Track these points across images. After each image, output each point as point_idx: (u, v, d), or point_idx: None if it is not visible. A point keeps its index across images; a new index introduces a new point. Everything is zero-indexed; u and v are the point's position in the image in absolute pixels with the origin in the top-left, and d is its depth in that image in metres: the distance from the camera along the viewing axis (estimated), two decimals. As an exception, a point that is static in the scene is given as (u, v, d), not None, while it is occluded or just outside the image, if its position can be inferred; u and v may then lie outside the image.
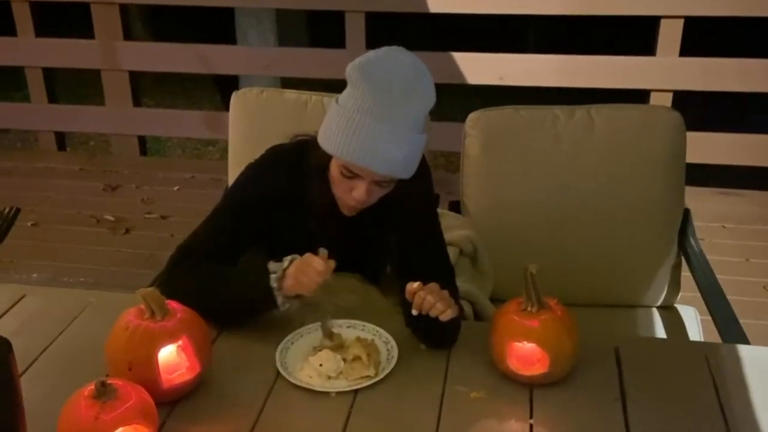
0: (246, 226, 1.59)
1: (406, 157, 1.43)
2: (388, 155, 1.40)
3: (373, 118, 1.39)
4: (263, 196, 1.58)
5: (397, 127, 1.40)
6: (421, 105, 1.43)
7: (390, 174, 1.45)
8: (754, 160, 3.88)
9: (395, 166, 1.43)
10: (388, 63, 1.43)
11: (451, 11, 3.88)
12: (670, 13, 3.63)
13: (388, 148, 1.40)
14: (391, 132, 1.39)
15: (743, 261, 3.25)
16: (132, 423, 1.17)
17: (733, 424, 1.29)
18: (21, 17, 4.22)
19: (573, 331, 1.37)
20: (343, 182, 1.48)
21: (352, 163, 1.43)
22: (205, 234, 1.60)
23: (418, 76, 1.43)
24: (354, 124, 1.40)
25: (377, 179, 1.45)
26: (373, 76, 1.40)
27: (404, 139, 1.41)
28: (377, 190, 1.48)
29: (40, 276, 3.20)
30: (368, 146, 1.39)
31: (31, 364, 1.45)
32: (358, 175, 1.45)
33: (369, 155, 1.40)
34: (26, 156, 4.63)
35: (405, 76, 1.42)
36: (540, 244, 2.00)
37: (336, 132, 1.43)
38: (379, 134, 1.39)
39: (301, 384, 1.37)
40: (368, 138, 1.39)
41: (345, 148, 1.41)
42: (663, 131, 1.99)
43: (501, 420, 1.32)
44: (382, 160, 1.41)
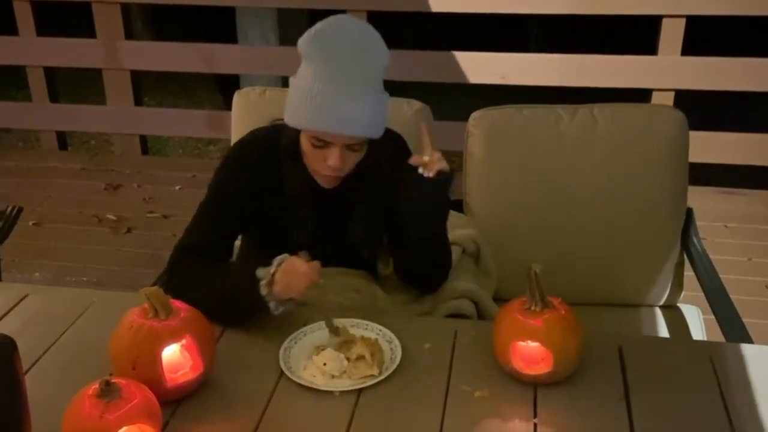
0: (232, 216, 1.63)
1: (369, 116, 1.48)
2: (349, 115, 1.45)
3: (329, 81, 1.44)
4: (242, 187, 1.62)
5: (352, 87, 1.45)
6: (373, 62, 1.48)
7: (355, 133, 1.48)
8: (756, 159, 3.88)
9: (359, 125, 1.47)
10: (335, 30, 1.49)
11: (452, 10, 3.88)
12: (671, 12, 3.63)
13: (347, 107, 1.44)
14: (347, 92, 1.45)
15: (745, 260, 3.24)
16: (136, 422, 1.17)
17: (737, 423, 1.29)
18: (22, 16, 4.23)
19: (577, 331, 1.37)
20: (315, 154, 1.52)
21: (318, 131, 1.47)
22: (195, 230, 1.63)
23: (365, 37, 1.49)
24: (313, 93, 1.45)
25: (347, 142, 1.49)
26: (322, 45, 1.46)
27: (362, 97, 1.46)
28: (350, 155, 1.52)
29: (42, 275, 3.21)
30: (329, 110, 1.44)
31: (35, 363, 1.45)
32: (328, 143, 1.49)
33: (332, 119, 1.45)
34: (28, 155, 4.64)
35: (352, 38, 1.47)
36: (543, 243, 2.00)
37: (298, 106, 1.48)
38: (336, 96, 1.44)
39: (305, 383, 1.37)
40: (327, 102, 1.44)
41: (309, 119, 1.47)
42: (666, 130, 1.99)
43: (505, 419, 1.32)
44: (345, 120, 1.45)
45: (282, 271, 1.44)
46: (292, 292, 1.45)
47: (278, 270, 1.45)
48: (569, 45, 3.92)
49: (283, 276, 1.44)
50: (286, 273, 1.44)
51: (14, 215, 2.27)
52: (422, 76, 4.02)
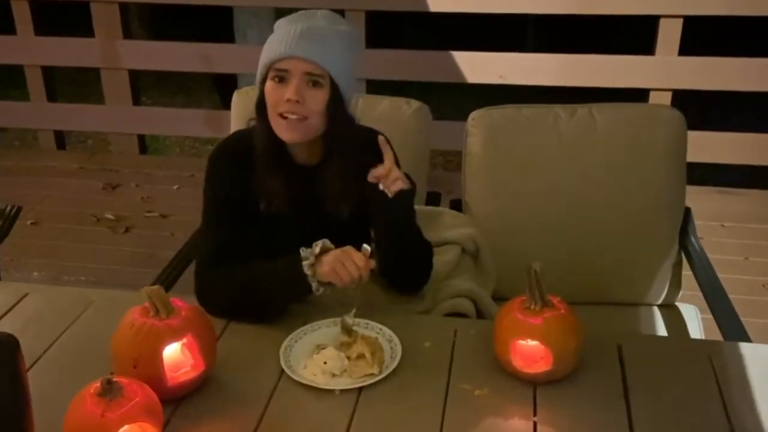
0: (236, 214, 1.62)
1: (328, 51, 1.51)
2: (307, 43, 1.49)
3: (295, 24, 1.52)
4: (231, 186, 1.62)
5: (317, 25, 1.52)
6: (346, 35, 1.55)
7: (314, 58, 1.50)
8: (753, 159, 3.89)
9: (316, 52, 1.50)
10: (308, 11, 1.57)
11: (451, 10, 3.89)
12: (669, 12, 3.64)
13: (307, 37, 1.50)
14: (311, 26, 1.52)
15: (742, 259, 3.26)
16: (137, 420, 1.17)
17: (736, 420, 1.29)
18: (21, 16, 4.22)
19: (576, 329, 1.38)
20: (275, 92, 1.53)
21: (276, 59, 1.51)
22: (208, 240, 1.63)
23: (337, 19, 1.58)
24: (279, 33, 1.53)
25: (305, 70, 1.50)
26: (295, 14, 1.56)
27: (323, 31, 1.52)
28: (309, 92, 1.52)
29: (41, 275, 3.21)
30: (289, 37, 1.50)
31: (36, 361, 1.45)
32: (288, 74, 1.51)
33: (290, 44, 1.49)
34: (26, 155, 4.64)
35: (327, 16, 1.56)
36: (541, 243, 2.01)
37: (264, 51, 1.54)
38: (297, 27, 1.51)
39: (306, 382, 1.38)
40: (288, 33, 1.51)
41: (270, 50, 1.52)
42: (664, 130, 2.00)
43: (505, 417, 1.32)
44: (302, 46, 1.49)
45: (333, 255, 1.46)
46: (335, 277, 1.46)
47: (329, 253, 1.47)
48: (567, 45, 3.93)
49: (333, 260, 1.45)
50: (337, 258, 1.45)
51: (13, 214, 2.26)
52: (421, 75, 4.02)
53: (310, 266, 1.47)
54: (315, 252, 1.48)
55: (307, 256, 1.48)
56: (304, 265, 1.47)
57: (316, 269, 1.47)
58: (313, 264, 1.48)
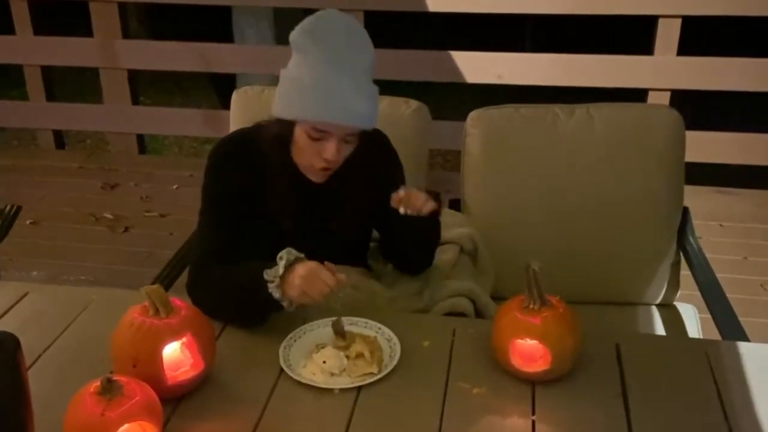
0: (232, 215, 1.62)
1: (368, 107, 1.50)
2: (355, 107, 1.47)
3: (335, 73, 1.45)
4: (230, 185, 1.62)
5: (357, 79, 1.47)
6: (368, 54, 1.51)
7: (359, 125, 1.50)
8: (751, 158, 3.89)
9: (362, 117, 1.49)
10: (328, 23, 1.50)
11: (449, 10, 3.89)
12: (667, 12, 3.64)
13: (353, 99, 1.46)
14: (353, 84, 1.47)
15: (740, 259, 3.26)
16: (137, 419, 1.17)
17: (734, 419, 1.30)
18: (19, 15, 4.21)
19: (575, 328, 1.38)
20: (310, 146, 1.52)
21: (322, 122, 1.47)
22: (203, 238, 1.63)
23: (357, 29, 1.51)
24: (314, 84, 1.45)
25: (346, 133, 1.50)
26: (317, 36, 1.47)
27: (365, 89, 1.49)
28: (345, 147, 1.53)
29: (39, 274, 3.20)
30: (337, 101, 1.45)
31: (36, 360, 1.46)
32: (326, 134, 1.49)
33: (339, 110, 1.45)
34: (25, 154, 4.63)
35: (345, 29, 1.49)
36: (540, 242, 2.01)
37: (298, 97, 1.48)
38: (344, 88, 1.45)
39: (305, 381, 1.38)
40: (335, 93, 1.45)
41: (315, 109, 1.47)
42: (662, 130, 2.00)
43: (503, 416, 1.33)
44: (351, 112, 1.47)
45: (301, 279, 1.40)
46: (307, 299, 1.41)
47: (295, 275, 1.41)
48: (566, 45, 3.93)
49: (302, 283, 1.40)
50: (305, 280, 1.40)
51: (13, 214, 2.27)
52: (420, 75, 4.02)
53: (276, 288, 1.42)
54: (279, 274, 1.41)
55: (271, 279, 1.42)
56: (271, 287, 1.42)
57: (284, 290, 1.42)
58: (280, 285, 1.42)
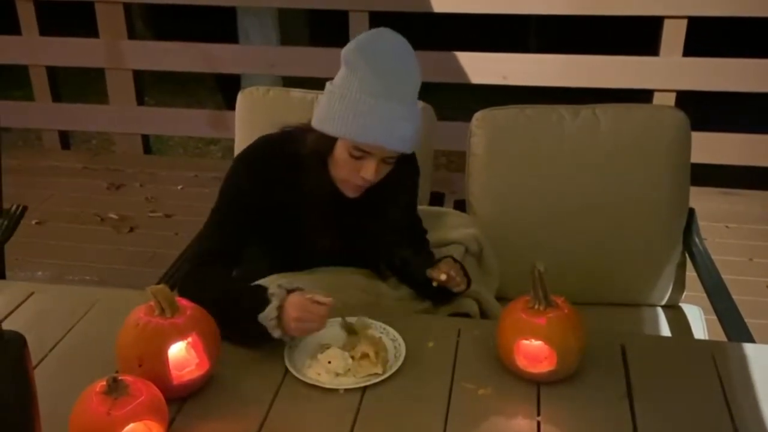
0: (243, 221, 1.61)
1: (416, 131, 1.50)
2: (401, 132, 1.47)
3: (385, 98, 1.45)
4: (252, 192, 1.59)
5: (406, 104, 1.48)
6: (417, 77, 1.52)
7: (406, 150, 1.51)
8: (757, 160, 3.88)
9: (408, 141, 1.50)
10: (382, 43, 1.50)
11: (454, 11, 3.89)
12: (673, 13, 3.64)
13: (400, 124, 1.46)
14: (402, 109, 1.47)
15: (746, 261, 3.25)
16: (143, 419, 1.17)
17: (740, 420, 1.30)
18: (25, 16, 4.24)
19: (580, 329, 1.38)
20: (350, 164, 1.51)
21: (367, 144, 1.47)
22: (208, 235, 1.62)
23: (409, 52, 1.52)
24: (366, 105, 1.45)
25: (388, 155, 1.50)
26: (373, 57, 1.47)
27: (413, 114, 1.50)
28: (384, 167, 1.53)
29: (44, 274, 3.22)
30: (385, 125, 1.45)
31: (42, 360, 1.46)
32: (367, 154, 1.49)
33: (386, 134, 1.45)
34: (30, 155, 4.64)
35: (400, 53, 1.50)
36: (545, 243, 2.01)
37: (345, 115, 1.46)
38: (392, 113, 1.45)
39: (310, 381, 1.38)
40: (384, 117, 1.45)
41: (360, 130, 1.46)
42: (668, 131, 2.00)
43: (508, 417, 1.33)
44: (398, 137, 1.47)
45: (294, 319, 1.39)
46: (307, 332, 1.43)
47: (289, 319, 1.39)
48: (571, 45, 3.93)
49: (297, 323, 1.39)
50: (299, 320, 1.39)
51: (18, 214, 2.27)
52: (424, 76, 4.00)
53: (275, 328, 1.40)
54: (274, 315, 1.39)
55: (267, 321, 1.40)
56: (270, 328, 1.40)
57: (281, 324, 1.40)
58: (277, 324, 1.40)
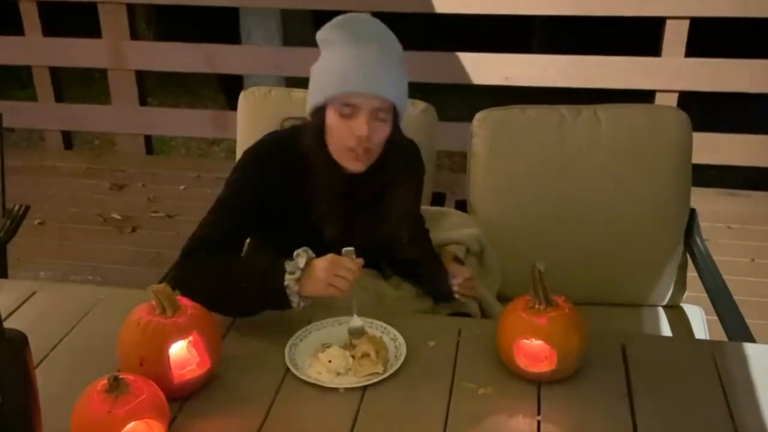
0: (248, 214, 1.60)
1: (396, 81, 1.50)
2: (381, 77, 1.48)
3: (362, 53, 1.48)
4: (260, 186, 1.59)
5: (383, 54, 1.49)
6: (395, 45, 1.54)
7: (383, 94, 1.49)
8: (759, 160, 3.88)
9: (388, 87, 1.49)
10: (353, 18, 1.54)
11: (456, 11, 3.89)
12: (675, 14, 3.64)
13: (380, 70, 1.48)
14: (378, 57, 1.48)
15: (748, 261, 3.25)
16: (144, 417, 1.18)
17: (740, 420, 1.30)
18: (28, 16, 4.24)
19: (580, 329, 1.38)
20: (342, 127, 1.51)
21: (349, 93, 1.48)
22: (210, 223, 1.60)
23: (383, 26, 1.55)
24: (345, 63, 1.48)
25: (375, 106, 1.49)
26: (345, 29, 1.51)
27: (391, 63, 1.50)
28: (376, 125, 1.51)
29: (47, 274, 3.22)
30: (362, 71, 1.47)
31: (44, 358, 1.47)
32: (355, 108, 1.49)
33: (364, 80, 1.47)
34: (33, 155, 4.65)
35: (373, 23, 1.54)
36: (546, 243, 2.01)
37: (327, 79, 1.50)
38: (368, 59, 1.47)
39: (311, 380, 1.38)
40: (360, 64, 1.47)
41: (340, 83, 1.48)
42: (669, 131, 2.00)
43: (509, 416, 1.33)
44: (377, 82, 1.47)
45: (325, 271, 1.40)
46: (333, 290, 1.41)
47: (317, 267, 1.41)
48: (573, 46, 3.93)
49: (326, 275, 1.40)
50: (329, 271, 1.40)
51: (21, 214, 2.28)
52: (427, 76, 4.02)
53: (295, 281, 1.41)
54: (301, 266, 1.41)
55: (293, 270, 1.41)
56: (289, 280, 1.41)
57: (302, 284, 1.41)
58: (299, 278, 1.41)
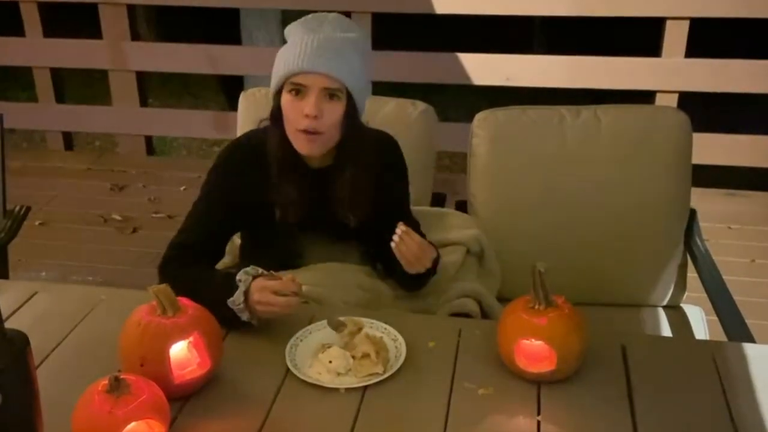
0: (223, 215, 1.66)
1: (345, 64, 1.52)
2: (326, 57, 1.50)
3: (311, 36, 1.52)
4: (232, 186, 1.64)
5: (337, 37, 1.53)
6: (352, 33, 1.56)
7: (335, 74, 1.51)
8: (760, 161, 3.88)
9: (340, 66, 1.51)
10: (320, 15, 1.57)
11: (456, 12, 3.89)
12: (675, 14, 3.64)
13: (324, 51, 1.50)
14: (331, 38, 1.52)
15: (748, 262, 3.25)
16: (144, 418, 1.18)
17: (740, 421, 1.30)
18: (29, 17, 4.24)
19: (580, 329, 1.38)
20: (294, 107, 1.53)
21: (295, 73, 1.50)
22: (187, 228, 1.68)
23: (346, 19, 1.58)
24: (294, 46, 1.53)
25: (322, 85, 1.51)
26: (308, 21, 1.56)
27: (345, 47, 1.52)
28: (327, 105, 1.53)
29: (48, 275, 3.22)
30: (307, 51, 1.50)
31: (45, 359, 1.47)
32: (304, 88, 1.51)
33: (308, 58, 1.49)
34: (34, 156, 4.64)
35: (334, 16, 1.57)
36: (546, 243, 2.01)
37: (281, 62, 1.55)
38: (314, 41, 1.51)
39: (311, 380, 1.39)
40: (307, 46, 1.51)
41: (288, 64, 1.52)
42: (669, 132, 2.00)
43: (509, 416, 1.33)
44: (321, 60, 1.49)
45: (257, 303, 1.44)
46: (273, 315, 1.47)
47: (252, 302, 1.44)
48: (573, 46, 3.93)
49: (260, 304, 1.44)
50: (260, 301, 1.44)
51: (22, 215, 2.28)
52: (427, 77, 4.03)
53: (244, 311, 1.46)
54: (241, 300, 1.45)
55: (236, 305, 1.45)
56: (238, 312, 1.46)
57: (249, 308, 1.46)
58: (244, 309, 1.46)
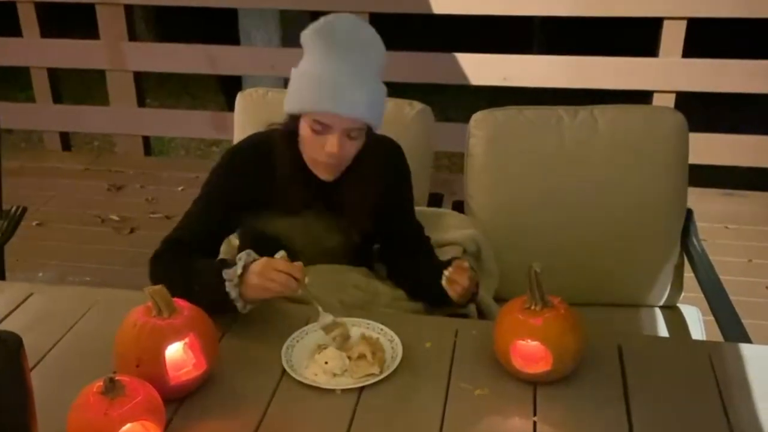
0: (222, 216, 1.65)
1: (369, 101, 1.51)
2: (354, 98, 1.49)
3: (332, 65, 1.49)
4: (234, 188, 1.64)
5: (358, 72, 1.50)
6: (375, 53, 1.54)
7: (355, 115, 1.51)
8: (756, 161, 3.89)
9: (359, 107, 1.50)
10: (336, 21, 1.53)
11: (454, 12, 3.89)
12: (672, 14, 3.64)
13: (352, 91, 1.48)
14: (353, 76, 1.49)
15: (745, 262, 3.25)
16: (140, 419, 1.18)
17: (736, 421, 1.30)
18: (26, 18, 4.24)
19: (577, 330, 1.38)
20: (314, 141, 1.53)
21: (320, 113, 1.49)
22: (184, 225, 1.66)
23: (364, 29, 1.55)
24: (316, 77, 1.49)
25: (346, 126, 1.51)
26: (324, 34, 1.52)
27: (363, 82, 1.51)
28: (348, 142, 1.54)
29: (45, 275, 3.22)
30: (335, 92, 1.48)
31: (40, 360, 1.47)
32: (328, 127, 1.51)
33: (335, 100, 1.48)
34: (32, 156, 4.64)
35: (352, 29, 1.53)
36: (543, 244, 2.01)
37: (300, 91, 1.52)
38: (342, 79, 1.48)
39: (307, 381, 1.38)
40: (334, 84, 1.48)
41: (312, 101, 1.50)
42: (666, 132, 2.00)
43: (505, 417, 1.33)
44: (350, 104, 1.48)
45: (257, 274, 1.44)
46: (268, 293, 1.45)
47: (252, 273, 1.44)
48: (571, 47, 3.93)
49: (259, 279, 1.43)
50: (261, 275, 1.43)
51: (19, 215, 2.28)
52: (424, 77, 4.03)
53: (234, 287, 1.45)
54: (238, 273, 1.45)
55: (229, 278, 1.45)
56: (228, 286, 1.45)
57: (242, 290, 1.45)
58: (238, 284, 1.45)
